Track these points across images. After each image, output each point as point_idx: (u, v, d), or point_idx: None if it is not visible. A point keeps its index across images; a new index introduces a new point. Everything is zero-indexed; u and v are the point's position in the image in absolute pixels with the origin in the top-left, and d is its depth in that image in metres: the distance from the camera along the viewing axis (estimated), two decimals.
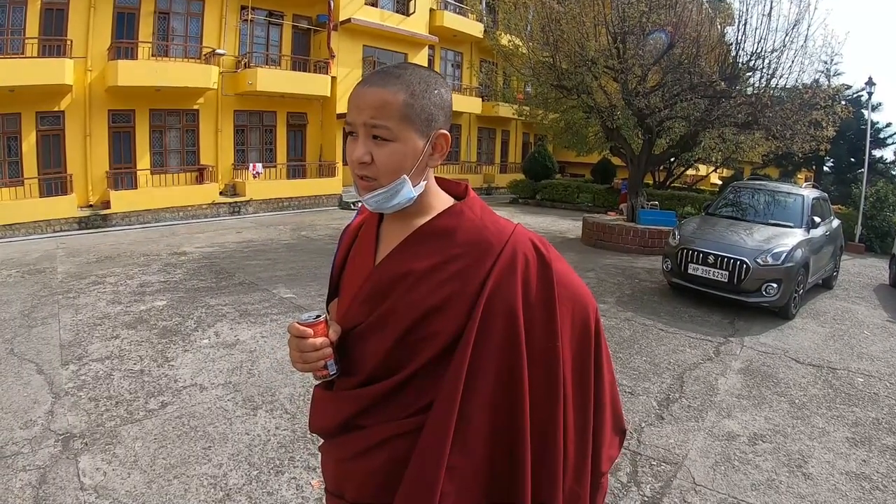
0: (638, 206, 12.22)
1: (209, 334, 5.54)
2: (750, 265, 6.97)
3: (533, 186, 21.33)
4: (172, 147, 15.63)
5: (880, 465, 3.73)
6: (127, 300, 6.60)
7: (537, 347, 1.10)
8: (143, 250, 9.91)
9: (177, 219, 14.23)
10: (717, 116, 10.89)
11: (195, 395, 4.16)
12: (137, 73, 13.42)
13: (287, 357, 4.82)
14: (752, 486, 3.36)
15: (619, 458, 3.56)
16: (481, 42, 23.01)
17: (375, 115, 1.06)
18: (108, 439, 3.46)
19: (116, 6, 13.92)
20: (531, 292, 1.10)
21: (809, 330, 6.84)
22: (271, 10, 17.12)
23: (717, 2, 11.44)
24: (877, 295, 9.25)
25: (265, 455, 3.38)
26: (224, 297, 6.92)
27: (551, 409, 1.11)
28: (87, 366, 4.63)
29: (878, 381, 5.28)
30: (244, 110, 16.99)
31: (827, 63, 17.99)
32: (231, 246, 10.63)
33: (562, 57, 11.72)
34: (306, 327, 1.13)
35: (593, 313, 1.22)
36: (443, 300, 1.08)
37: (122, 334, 5.41)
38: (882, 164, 23.49)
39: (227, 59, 15.90)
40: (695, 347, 5.87)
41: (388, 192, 1.10)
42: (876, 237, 14.77)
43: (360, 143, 1.09)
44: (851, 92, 20.83)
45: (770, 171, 23.62)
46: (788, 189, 9.05)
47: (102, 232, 12.42)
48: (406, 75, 1.09)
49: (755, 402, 4.60)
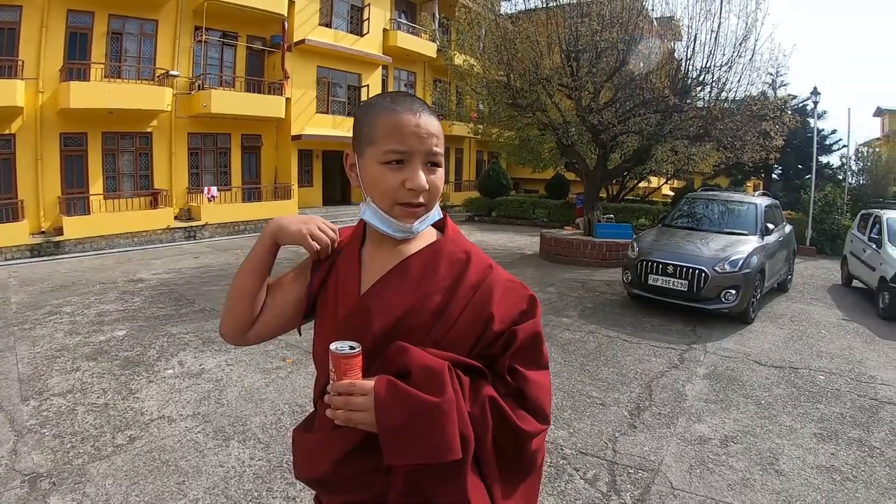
0: (594, 220, 12.43)
1: (173, 364, 5.39)
2: (708, 273, 7.18)
3: (488, 204, 21.52)
4: (126, 171, 15.22)
5: (849, 457, 3.88)
6: (85, 330, 6.37)
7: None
8: (98, 278, 9.59)
9: (131, 244, 13.83)
10: (670, 130, 11.23)
11: (164, 427, 4.03)
12: (90, 95, 13.07)
13: (256, 384, 4.80)
14: (728, 486, 3.45)
15: (597, 469, 3.60)
16: (435, 61, 23.26)
17: (437, 143, 1.10)
18: (76, 478, 3.31)
19: (69, 26, 13.58)
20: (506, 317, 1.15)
21: (769, 333, 7.07)
22: (225, 30, 16.94)
23: (667, 19, 11.80)
24: (830, 295, 9.64)
25: (242, 487, 3.29)
26: (185, 324, 6.74)
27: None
28: (48, 401, 4.44)
29: (838, 378, 5.50)
30: (198, 133, 16.70)
31: (774, 75, 18.79)
32: (189, 272, 10.38)
33: (516, 76, 11.91)
34: (348, 360, 1.03)
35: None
36: (427, 330, 1.11)
37: (82, 366, 5.21)
38: (829, 170, 24.46)
39: (180, 81, 15.64)
40: (660, 356, 6.00)
41: (430, 216, 1.15)
42: (826, 240, 15.39)
43: (420, 170, 1.10)
44: (798, 102, 21.69)
45: (721, 180, 24.34)
46: (741, 198, 9.38)
47: (56, 259, 11.97)
48: (427, 107, 1.14)
49: (723, 406, 4.72)
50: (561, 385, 5.02)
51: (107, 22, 14.24)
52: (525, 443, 1.11)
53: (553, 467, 3.58)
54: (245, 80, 17.40)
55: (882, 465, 3.79)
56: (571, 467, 3.62)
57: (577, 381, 5.17)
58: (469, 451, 1.02)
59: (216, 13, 15.89)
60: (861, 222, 10.42)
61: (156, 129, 15.50)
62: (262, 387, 4.85)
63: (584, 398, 4.79)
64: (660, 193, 25.73)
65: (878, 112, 40.07)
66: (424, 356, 1.04)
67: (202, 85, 16.09)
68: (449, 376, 1.02)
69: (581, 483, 3.44)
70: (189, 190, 16.49)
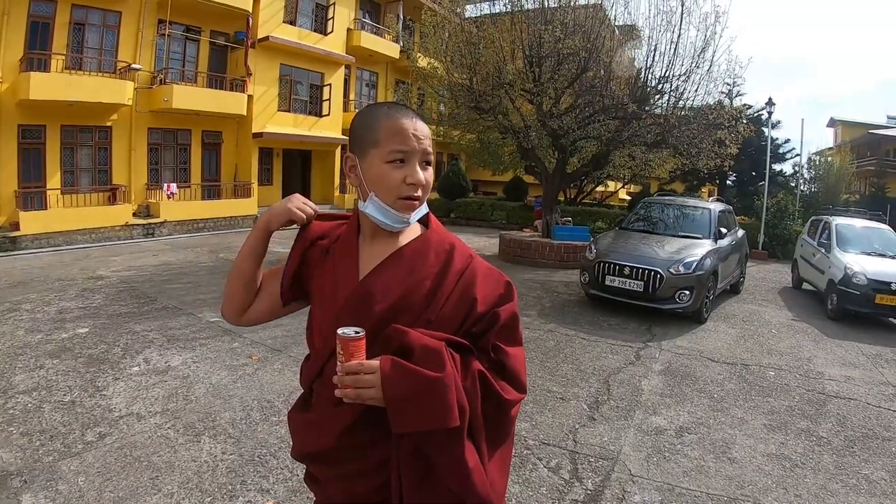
0: (553, 223, 12.72)
1: (138, 361, 5.36)
2: (663, 275, 7.47)
3: (448, 205, 21.62)
4: (84, 165, 14.81)
5: (797, 446, 4.17)
6: (47, 328, 6.25)
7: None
8: (57, 275, 9.37)
9: (89, 241, 13.49)
10: (628, 136, 11.58)
11: (133, 424, 4.04)
12: (50, 87, 12.69)
13: (223, 381, 4.85)
14: (684, 472, 3.68)
15: (560, 458, 3.78)
16: (397, 62, 23.32)
17: (429, 144, 1.28)
18: (48, 475, 3.31)
19: (31, 14, 13.15)
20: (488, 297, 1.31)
21: (721, 332, 7.41)
22: (189, 25, 16.67)
23: (629, 28, 12.15)
24: (781, 297, 10.13)
25: (216, 481, 3.35)
26: (148, 322, 6.68)
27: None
28: (13, 398, 4.38)
29: (788, 374, 5.84)
30: (159, 128, 16.39)
31: (730, 85, 19.48)
32: (149, 269, 10.23)
33: (479, 79, 12.08)
34: (355, 343, 1.13)
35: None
36: (420, 311, 1.25)
37: (46, 364, 5.14)
38: (781, 177, 25.49)
39: (142, 75, 15.30)
40: (617, 353, 6.24)
41: (422, 209, 1.32)
42: (778, 244, 16.05)
43: (417, 168, 1.27)
44: (753, 111, 22.51)
45: (676, 185, 25.07)
46: (696, 203, 9.75)
47: (12, 255, 11.60)
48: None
49: (678, 399, 4.98)
50: None
51: (69, 11, 13.82)
52: (506, 409, 1.26)
53: (518, 457, 3.74)
54: (207, 76, 17.12)
55: (829, 452, 4.08)
56: (535, 457, 3.79)
57: (537, 376, 5.35)
58: (465, 419, 1.16)
59: (180, 6, 15.62)
60: (811, 228, 10.92)
61: (116, 124, 15.14)
62: (230, 383, 4.88)
63: (544, 393, 4.97)
64: (617, 198, 26.31)
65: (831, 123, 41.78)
66: (422, 337, 1.18)
67: (164, 79, 15.79)
68: (446, 353, 1.16)
69: (545, 471, 3.61)
70: (148, 186, 16.16)
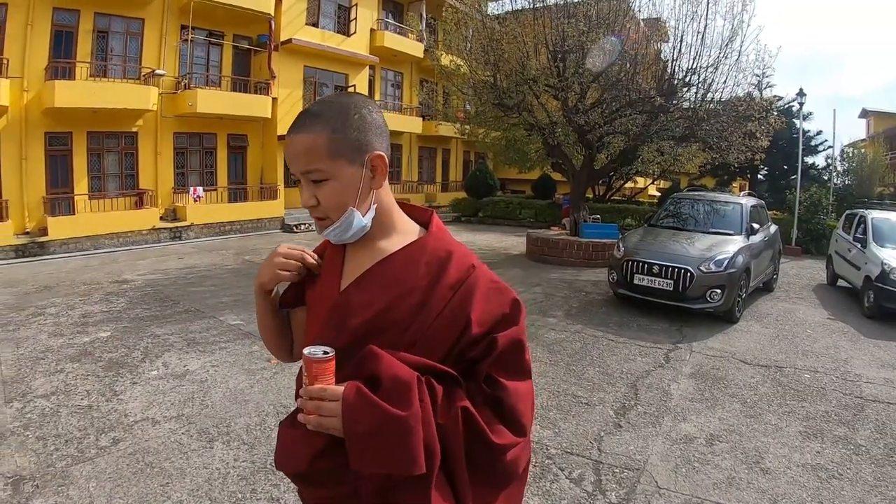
0: (581, 220, 12.48)
1: (157, 365, 5.34)
2: (694, 273, 7.22)
3: (475, 204, 21.50)
4: (111, 171, 15.03)
5: (834, 455, 3.92)
6: (69, 332, 6.29)
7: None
8: (83, 279, 9.49)
9: (117, 245, 13.69)
10: (656, 131, 11.30)
11: (147, 429, 3.99)
12: (75, 94, 12.88)
13: (240, 385, 4.77)
14: (714, 485, 3.47)
15: (583, 468, 3.61)
16: (422, 61, 23.21)
17: (306, 161, 1.11)
18: (60, 480, 3.27)
19: (54, 24, 13.36)
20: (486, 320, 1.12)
21: (754, 332, 7.13)
22: (211, 29, 16.79)
23: (654, 20, 11.88)
24: (816, 295, 9.75)
25: (226, 489, 3.27)
26: (170, 325, 6.69)
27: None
28: (32, 403, 4.38)
29: (824, 377, 5.56)
30: (184, 132, 16.53)
31: (759, 76, 18.94)
32: (174, 272, 10.30)
33: (503, 76, 11.94)
34: (320, 365, 1.03)
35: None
36: (404, 328, 1.10)
37: (66, 368, 5.15)
38: (814, 171, 24.76)
39: (166, 80, 15.47)
40: (645, 355, 6.03)
41: (342, 226, 1.15)
42: (811, 240, 15.56)
43: (304, 188, 1.14)
44: (783, 103, 21.90)
45: (707, 180, 24.54)
46: (727, 198, 9.46)
47: (40, 260, 11.82)
48: (325, 112, 1.12)
49: (708, 405, 4.75)
50: (546, 385, 5.04)
51: (92, 20, 14.03)
52: (498, 455, 1.10)
53: (538, 467, 3.59)
54: (231, 80, 17.25)
55: (867, 462, 3.83)
56: (557, 467, 3.63)
57: (562, 380, 5.19)
58: (434, 465, 1.02)
59: (202, 12, 15.73)
60: (846, 222, 10.54)
61: (141, 129, 15.33)
62: (247, 388, 4.82)
63: (569, 398, 4.80)
64: (646, 194, 25.87)
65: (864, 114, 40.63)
66: (395, 365, 1.03)
67: (188, 84, 15.94)
68: (418, 388, 1.02)
69: (566, 483, 3.45)
70: (175, 190, 16.33)
